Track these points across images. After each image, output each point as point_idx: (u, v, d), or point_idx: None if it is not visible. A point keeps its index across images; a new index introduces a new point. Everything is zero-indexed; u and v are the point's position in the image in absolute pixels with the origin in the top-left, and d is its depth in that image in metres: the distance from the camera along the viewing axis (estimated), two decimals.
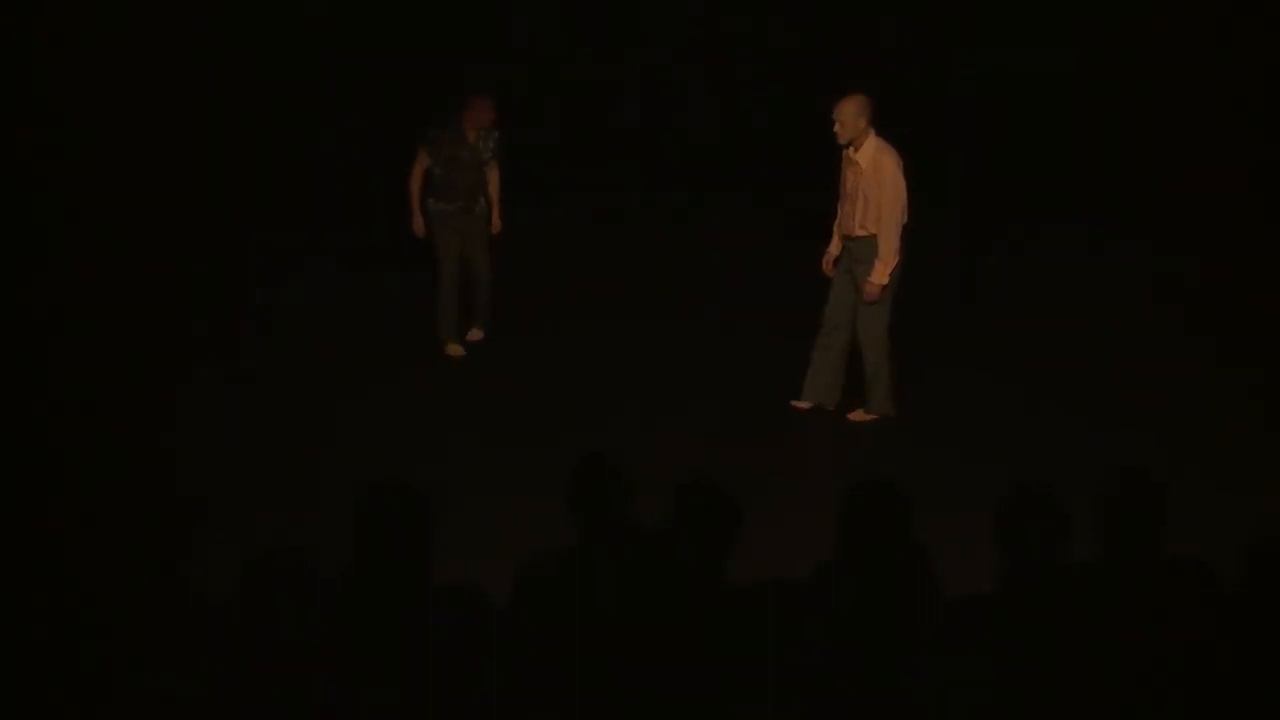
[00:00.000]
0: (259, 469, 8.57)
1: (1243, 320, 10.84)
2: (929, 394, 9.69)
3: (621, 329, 10.98)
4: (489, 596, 4.64)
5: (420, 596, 4.53)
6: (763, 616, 4.64)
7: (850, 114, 8.95)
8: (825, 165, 9.39)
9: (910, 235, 9.12)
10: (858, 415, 9.40)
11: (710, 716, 4.58)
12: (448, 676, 4.49)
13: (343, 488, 5.31)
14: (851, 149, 9.02)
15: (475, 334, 10.76)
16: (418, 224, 10.41)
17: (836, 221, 9.27)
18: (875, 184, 8.97)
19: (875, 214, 9.01)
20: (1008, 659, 4.56)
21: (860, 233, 9.10)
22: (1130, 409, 9.43)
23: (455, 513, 4.89)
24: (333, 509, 5.04)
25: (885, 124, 9.11)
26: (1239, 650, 4.55)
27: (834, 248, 9.31)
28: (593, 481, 4.90)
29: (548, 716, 4.68)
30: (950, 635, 4.64)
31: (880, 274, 9.05)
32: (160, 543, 4.53)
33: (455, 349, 10.51)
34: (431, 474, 5.93)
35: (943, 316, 10.95)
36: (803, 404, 9.47)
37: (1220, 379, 9.90)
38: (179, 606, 4.49)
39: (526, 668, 4.66)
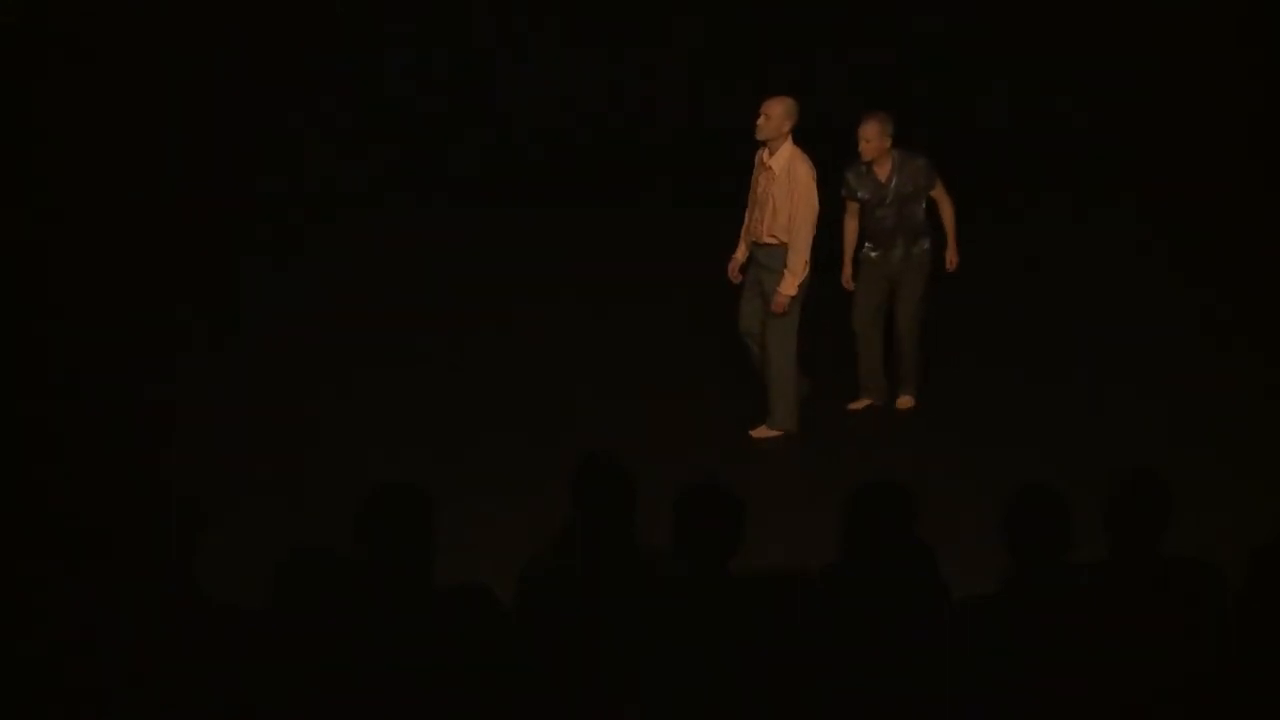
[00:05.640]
0: (258, 470, 8.55)
1: (1248, 320, 10.82)
2: (930, 392, 9.68)
3: (621, 328, 10.97)
4: (492, 596, 4.64)
5: (423, 597, 4.53)
6: (764, 615, 4.63)
7: (778, 113, 8.87)
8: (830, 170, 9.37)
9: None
10: (760, 431, 9.21)
11: (712, 716, 4.58)
12: (450, 677, 4.48)
13: (343, 488, 5.32)
14: (766, 151, 8.96)
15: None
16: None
17: (745, 228, 9.17)
18: (786, 191, 8.86)
19: (784, 222, 8.90)
20: (1011, 658, 4.55)
21: (769, 240, 8.98)
22: (1132, 409, 9.42)
23: (455, 513, 4.88)
24: (333, 509, 5.04)
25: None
26: (1243, 651, 4.55)
27: (740, 254, 9.20)
28: (593, 480, 4.89)
29: (550, 716, 4.68)
30: (954, 634, 4.63)
31: (789, 285, 8.92)
32: (160, 544, 4.53)
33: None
34: (432, 474, 5.92)
35: (943, 314, 10.93)
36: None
37: (1222, 378, 9.88)
38: (180, 607, 4.48)
39: (528, 667, 4.66)
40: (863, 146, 9.18)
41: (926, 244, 9.48)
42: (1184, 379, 9.89)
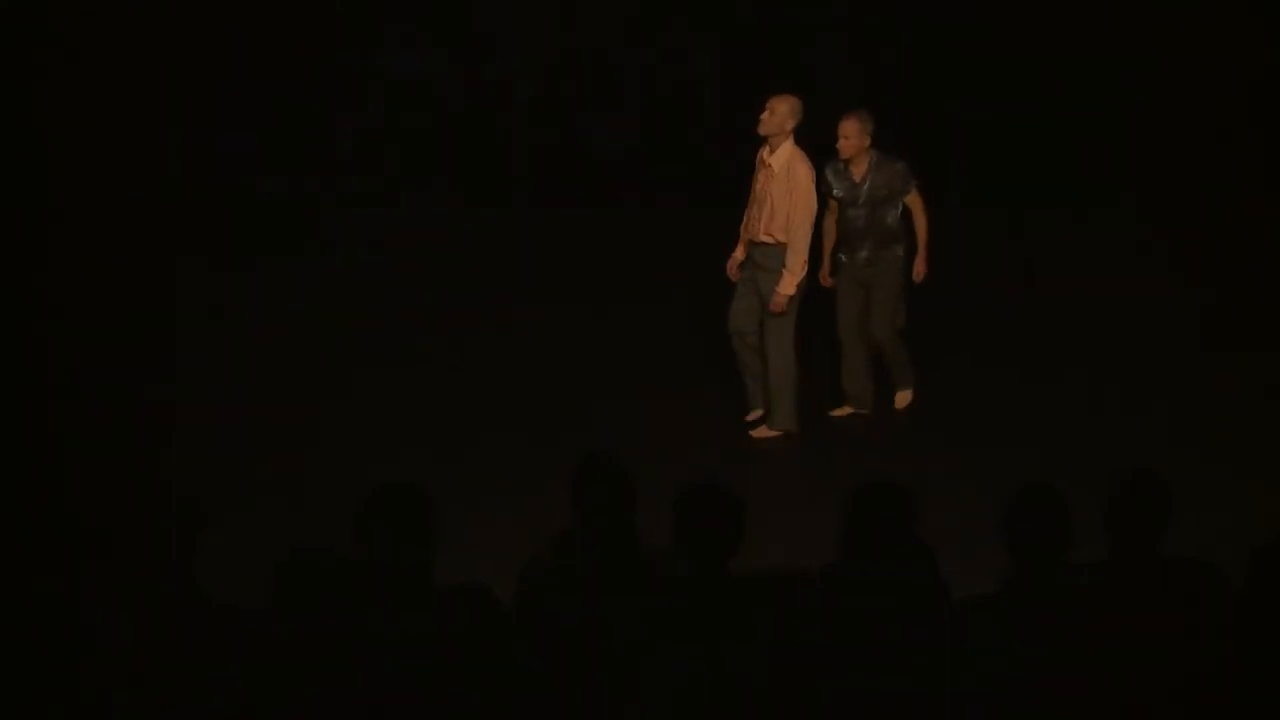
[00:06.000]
0: (258, 470, 8.56)
1: (1248, 320, 10.82)
2: (929, 392, 9.68)
3: (621, 328, 10.97)
4: (492, 596, 4.64)
5: (423, 597, 4.53)
6: (764, 615, 4.63)
7: (782, 111, 8.85)
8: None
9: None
10: (760, 431, 9.23)
11: (712, 716, 4.58)
12: (450, 677, 4.48)
13: (343, 488, 5.32)
14: (767, 149, 8.95)
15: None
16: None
17: (743, 226, 9.16)
18: (785, 190, 8.84)
19: (781, 222, 8.88)
20: (1011, 658, 4.55)
21: (765, 239, 8.97)
22: (1132, 409, 9.42)
23: (455, 513, 4.89)
24: (333, 509, 5.04)
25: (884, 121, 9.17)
26: (1243, 651, 4.55)
27: (739, 253, 9.19)
28: (593, 480, 4.89)
29: (550, 716, 4.68)
30: (954, 634, 4.63)
31: (787, 285, 8.91)
32: (160, 544, 4.53)
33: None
34: (432, 474, 5.92)
35: (943, 313, 10.93)
36: (757, 412, 9.33)
37: (1222, 378, 9.88)
38: (180, 607, 4.48)
39: (528, 667, 4.66)
40: (841, 144, 9.14)
41: (900, 250, 9.36)
42: (1183, 379, 9.89)
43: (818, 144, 9.21)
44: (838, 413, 9.50)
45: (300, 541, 4.54)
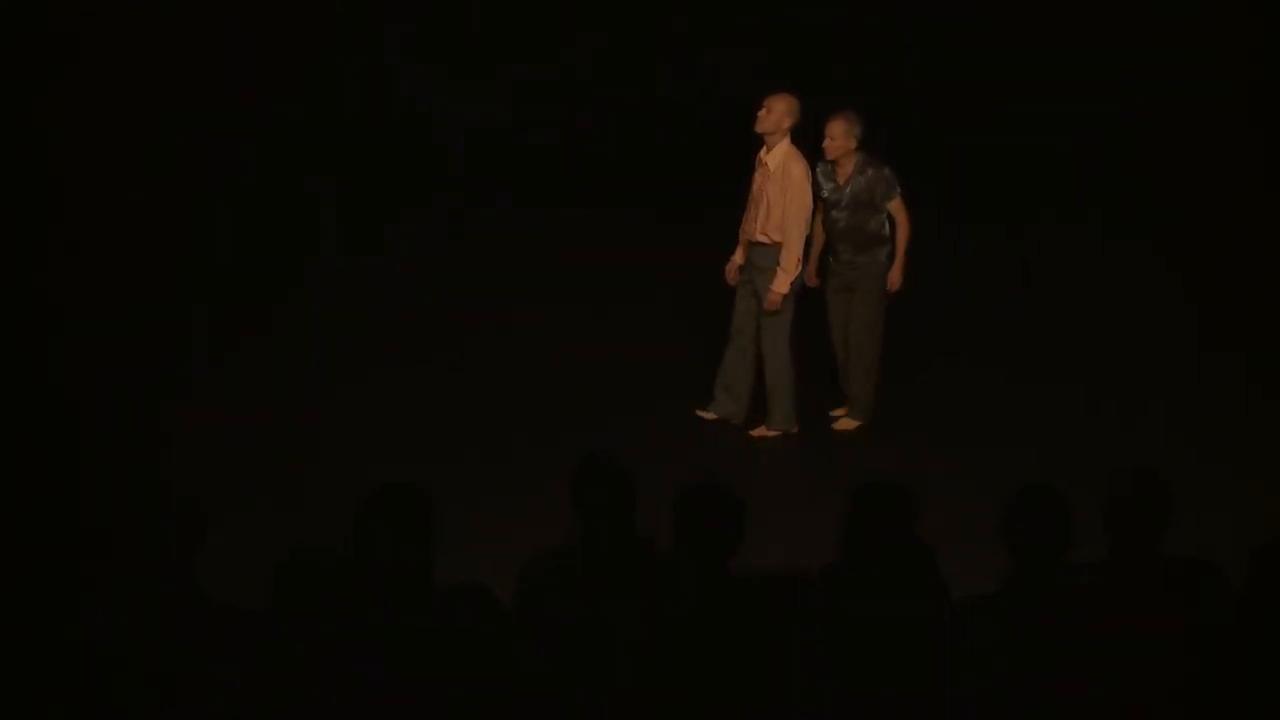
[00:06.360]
0: (258, 470, 8.55)
1: (1247, 320, 10.82)
2: (930, 392, 9.68)
3: (621, 328, 10.98)
4: (492, 596, 4.64)
5: (423, 597, 4.53)
6: (764, 615, 4.63)
7: (780, 109, 8.87)
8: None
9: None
10: (759, 431, 9.25)
11: (712, 716, 4.58)
12: (450, 677, 4.48)
13: (343, 488, 5.31)
14: (764, 149, 8.96)
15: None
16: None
17: (741, 227, 9.18)
18: (780, 189, 8.86)
19: (777, 221, 8.90)
20: (1011, 658, 4.55)
21: (761, 238, 8.99)
22: (1132, 409, 9.42)
23: (455, 513, 4.89)
24: (333, 509, 5.04)
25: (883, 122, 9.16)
26: (1243, 651, 4.55)
27: (739, 256, 9.20)
28: (593, 480, 4.90)
29: (550, 715, 4.68)
30: (954, 634, 4.63)
31: (781, 283, 8.92)
32: (160, 544, 4.53)
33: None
34: (432, 474, 5.92)
35: (943, 314, 10.94)
36: (709, 414, 9.37)
37: (1222, 378, 9.88)
38: (180, 607, 4.48)
39: (528, 667, 4.66)
40: (827, 144, 9.10)
41: (883, 255, 9.26)
42: (1183, 379, 9.90)
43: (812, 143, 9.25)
44: (838, 412, 9.51)
45: (300, 541, 4.54)
